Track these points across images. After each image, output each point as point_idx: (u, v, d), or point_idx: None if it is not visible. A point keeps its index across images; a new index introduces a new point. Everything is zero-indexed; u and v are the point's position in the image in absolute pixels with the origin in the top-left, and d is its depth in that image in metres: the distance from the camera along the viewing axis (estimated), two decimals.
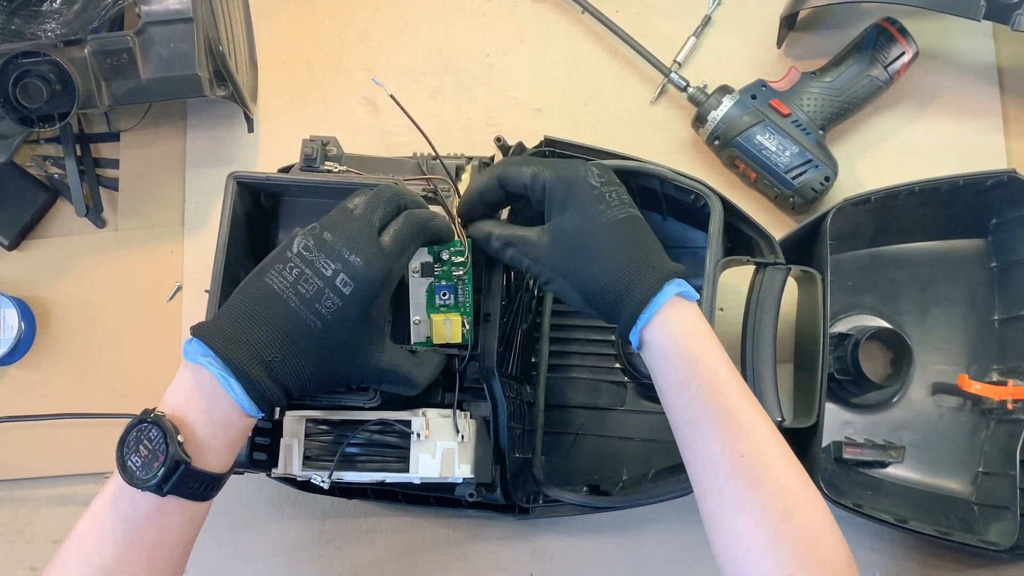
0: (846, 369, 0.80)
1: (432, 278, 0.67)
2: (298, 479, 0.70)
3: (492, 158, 0.78)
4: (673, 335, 0.60)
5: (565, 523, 0.84)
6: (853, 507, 0.73)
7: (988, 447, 0.80)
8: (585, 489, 0.79)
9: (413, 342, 0.68)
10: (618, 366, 0.85)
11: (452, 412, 0.67)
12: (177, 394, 0.57)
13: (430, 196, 0.69)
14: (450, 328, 0.68)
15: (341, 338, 0.59)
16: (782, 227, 0.86)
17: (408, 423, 0.65)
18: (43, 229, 0.94)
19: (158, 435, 0.54)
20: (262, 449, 0.72)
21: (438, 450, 0.65)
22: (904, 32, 0.82)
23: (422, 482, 0.65)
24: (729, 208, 0.74)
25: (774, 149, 0.82)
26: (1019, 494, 0.75)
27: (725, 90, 0.85)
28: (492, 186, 0.66)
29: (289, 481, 0.76)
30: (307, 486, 0.75)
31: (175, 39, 0.80)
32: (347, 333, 0.59)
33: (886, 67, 0.82)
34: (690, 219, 0.82)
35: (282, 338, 0.57)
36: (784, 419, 0.71)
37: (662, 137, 0.90)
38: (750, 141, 0.83)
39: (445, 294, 0.67)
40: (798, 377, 0.82)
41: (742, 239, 0.77)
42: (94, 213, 0.92)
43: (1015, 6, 0.75)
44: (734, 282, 0.83)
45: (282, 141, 0.94)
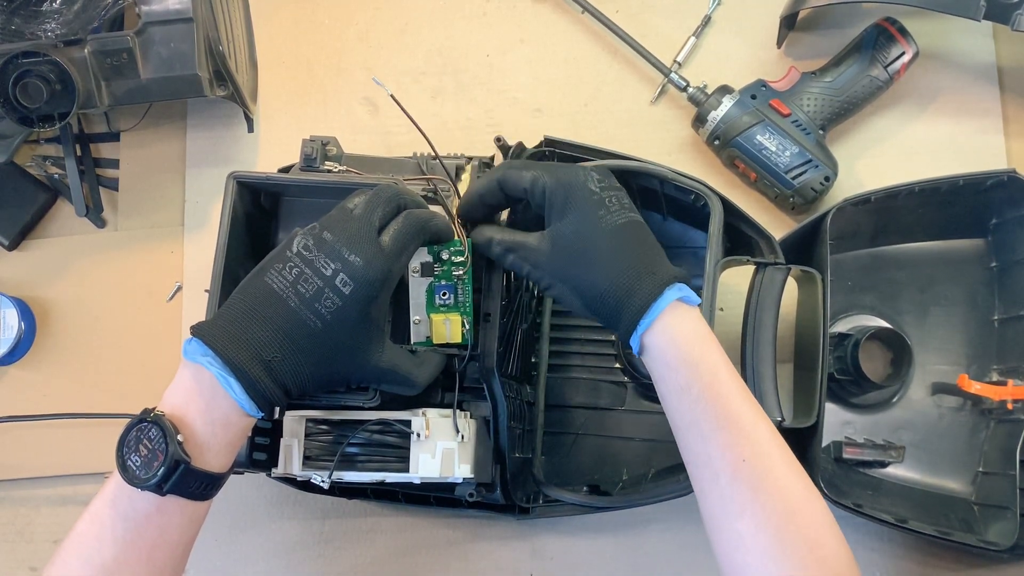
0: (846, 369, 0.80)
1: (432, 278, 0.67)
2: (298, 479, 0.70)
3: (492, 158, 0.78)
4: (673, 340, 0.60)
5: (565, 523, 0.84)
6: (853, 507, 0.73)
7: (988, 447, 0.80)
8: (585, 489, 0.79)
9: (413, 342, 0.68)
10: (618, 366, 0.85)
11: (452, 412, 0.67)
12: (177, 394, 0.57)
13: (430, 196, 0.69)
14: (450, 328, 0.68)
15: (341, 338, 0.59)
16: (782, 227, 0.86)
17: (408, 423, 0.64)
18: (43, 229, 0.94)
19: (158, 434, 0.55)
20: (262, 449, 0.72)
21: (438, 450, 0.65)
22: (904, 32, 0.82)
23: (422, 482, 0.65)
24: (729, 208, 0.74)
25: (774, 149, 0.82)
26: (1019, 494, 0.75)
27: (725, 90, 0.85)
28: (492, 189, 0.66)
29: (289, 481, 0.76)
30: (307, 486, 0.75)
31: (175, 39, 0.80)
32: (347, 333, 0.59)
33: (886, 67, 0.82)
34: (690, 219, 0.82)
35: (282, 338, 0.57)
36: (784, 419, 0.71)
37: (662, 137, 0.90)
38: (750, 141, 0.83)
39: (445, 294, 0.67)
40: (798, 377, 0.82)
41: (742, 239, 0.77)
42: (94, 213, 0.92)
43: (1015, 6, 0.75)
44: (734, 282, 0.83)
45: (282, 141, 0.94)
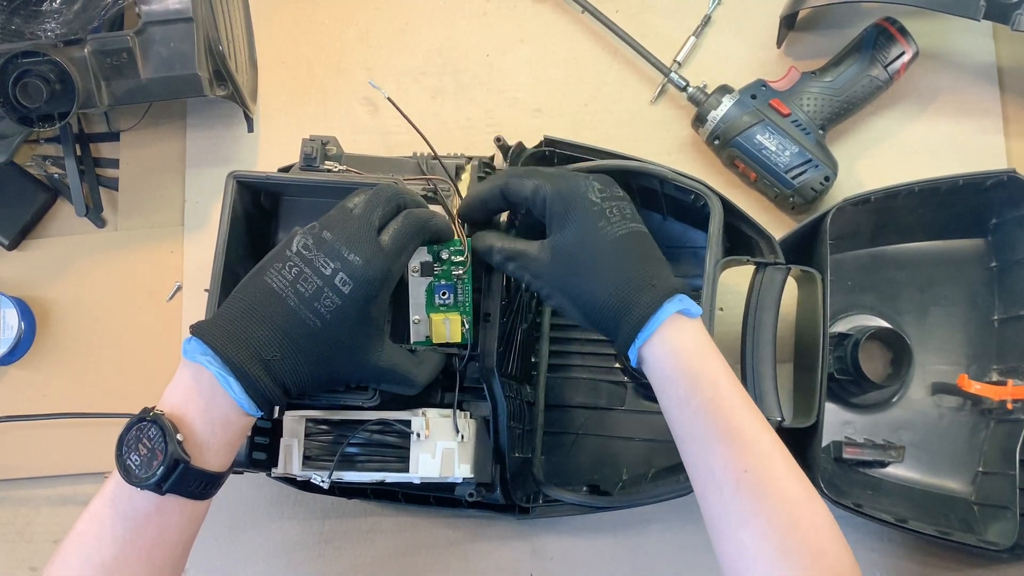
0: (846, 369, 0.80)
1: (432, 277, 0.67)
2: (298, 479, 0.70)
3: (492, 158, 0.78)
4: (672, 352, 0.60)
5: (565, 523, 0.84)
6: (853, 507, 0.73)
7: (988, 447, 0.80)
8: (585, 489, 0.79)
9: (412, 341, 0.68)
10: (618, 366, 0.85)
11: (452, 412, 0.67)
12: (176, 393, 0.57)
13: (430, 196, 0.69)
14: (449, 327, 0.68)
15: (340, 337, 0.59)
16: (782, 227, 0.86)
17: (408, 423, 0.64)
18: (43, 229, 0.94)
19: (157, 434, 0.55)
20: (262, 449, 0.72)
21: (438, 450, 0.65)
22: (904, 32, 0.82)
23: (422, 482, 0.65)
24: (729, 208, 0.74)
25: (774, 149, 0.82)
26: (1019, 494, 0.74)
27: (725, 90, 0.85)
28: (495, 196, 0.66)
29: (289, 481, 0.76)
30: (307, 486, 0.75)
31: (175, 39, 0.80)
32: (346, 332, 0.59)
33: (886, 67, 0.82)
34: (690, 219, 0.82)
35: (281, 337, 0.57)
36: (784, 419, 0.71)
37: (662, 137, 0.90)
38: (750, 141, 0.83)
39: (444, 293, 0.67)
40: (798, 377, 0.82)
41: (742, 239, 0.77)
42: (94, 213, 0.92)
43: (1015, 6, 0.75)
44: (734, 282, 0.83)
45: (282, 141, 0.94)
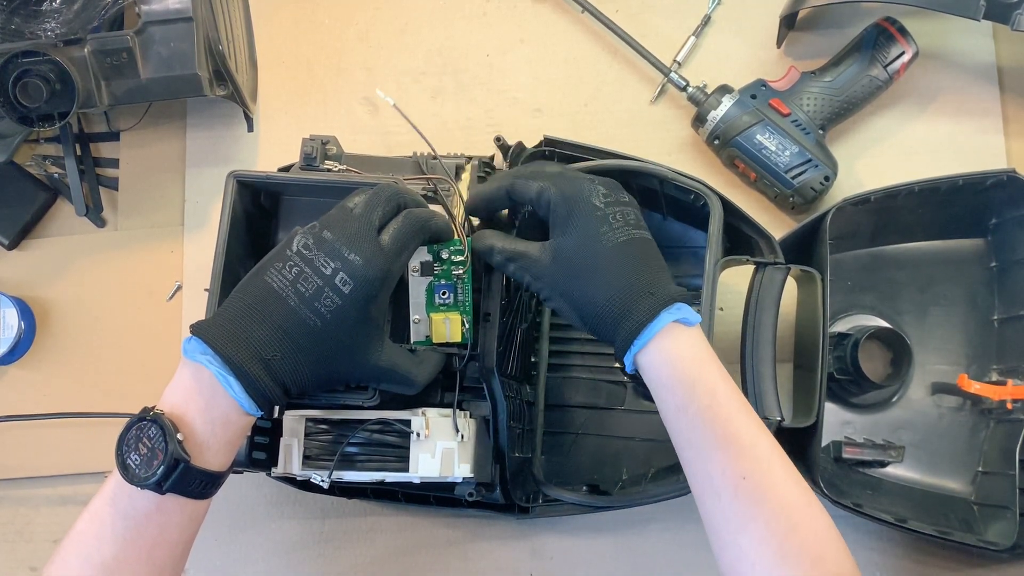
0: (846, 369, 0.80)
1: (432, 277, 0.67)
2: (298, 478, 0.70)
3: (492, 158, 0.78)
4: (669, 361, 0.60)
5: (565, 523, 0.84)
6: (853, 507, 0.73)
7: (988, 447, 0.80)
8: (585, 488, 0.79)
9: (412, 341, 0.68)
10: (618, 366, 0.84)
11: (452, 412, 0.67)
12: (176, 392, 0.57)
13: (430, 195, 0.69)
14: (449, 327, 0.68)
15: (340, 337, 0.59)
16: (782, 227, 0.86)
17: (408, 423, 0.65)
18: (43, 229, 0.94)
19: (157, 433, 0.55)
20: (262, 448, 0.72)
21: (438, 450, 0.65)
22: (904, 32, 0.82)
23: (422, 481, 0.65)
24: (729, 208, 0.74)
25: (774, 149, 0.82)
26: (1019, 494, 0.74)
27: (725, 90, 0.85)
28: (500, 197, 0.67)
29: (289, 480, 0.76)
30: (307, 485, 0.75)
31: (175, 39, 0.80)
32: (346, 332, 0.59)
33: (886, 67, 0.82)
34: (690, 219, 0.82)
35: (281, 336, 0.57)
36: (784, 419, 0.71)
37: (662, 137, 0.90)
38: (750, 141, 0.83)
39: (444, 293, 0.67)
40: (798, 377, 0.82)
41: (742, 239, 0.77)
42: (94, 213, 0.92)
43: (1015, 6, 0.75)
44: (734, 282, 0.83)
45: (282, 141, 0.94)
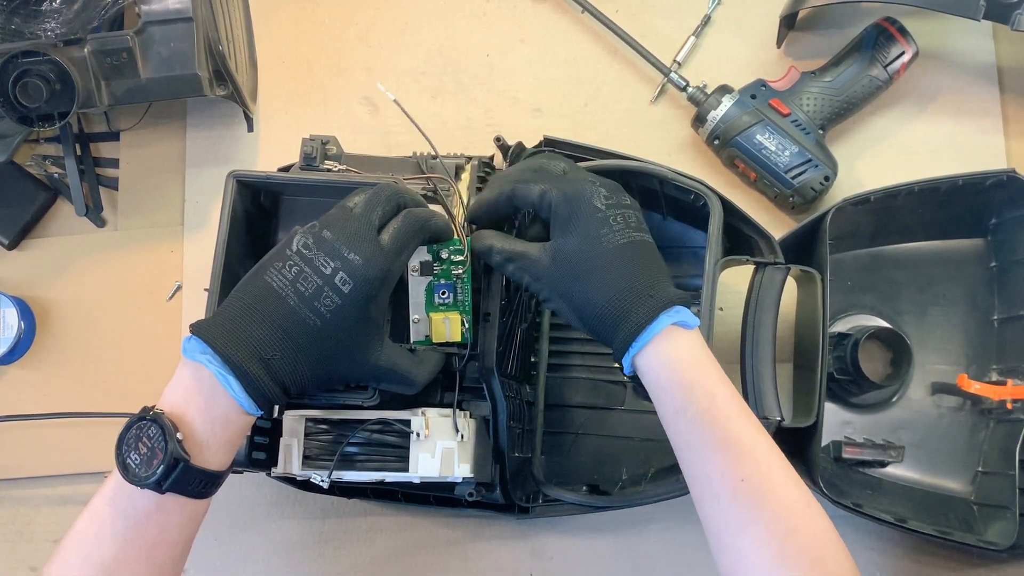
0: (846, 369, 0.80)
1: (431, 277, 0.67)
2: (298, 478, 0.70)
3: (492, 158, 0.78)
4: (667, 364, 0.60)
5: (565, 523, 0.84)
6: (853, 507, 0.73)
7: (988, 447, 0.80)
8: (584, 488, 0.79)
9: (412, 341, 0.68)
10: (617, 366, 0.85)
11: (452, 411, 0.67)
12: (176, 392, 0.57)
13: (430, 195, 0.69)
14: (449, 327, 0.68)
15: (340, 336, 0.59)
16: (782, 227, 0.86)
17: (407, 422, 0.65)
18: (43, 228, 0.94)
19: (157, 433, 0.55)
20: (261, 448, 0.72)
21: (438, 450, 0.65)
22: (904, 32, 0.82)
23: (422, 481, 0.65)
24: (729, 208, 0.74)
25: (774, 149, 0.82)
26: (1019, 494, 0.74)
27: (725, 90, 0.85)
28: (503, 203, 0.67)
29: (289, 480, 0.76)
30: (307, 485, 0.75)
31: (175, 39, 0.80)
32: (346, 331, 0.59)
33: (886, 67, 0.82)
34: (690, 219, 0.82)
35: (281, 336, 0.57)
36: (784, 419, 0.71)
37: (662, 137, 0.90)
38: (750, 141, 0.83)
39: (444, 293, 0.67)
40: (798, 377, 0.82)
41: (742, 239, 0.77)
42: (94, 212, 0.92)
43: (1015, 6, 0.75)
44: (734, 282, 0.83)
45: (282, 141, 0.94)
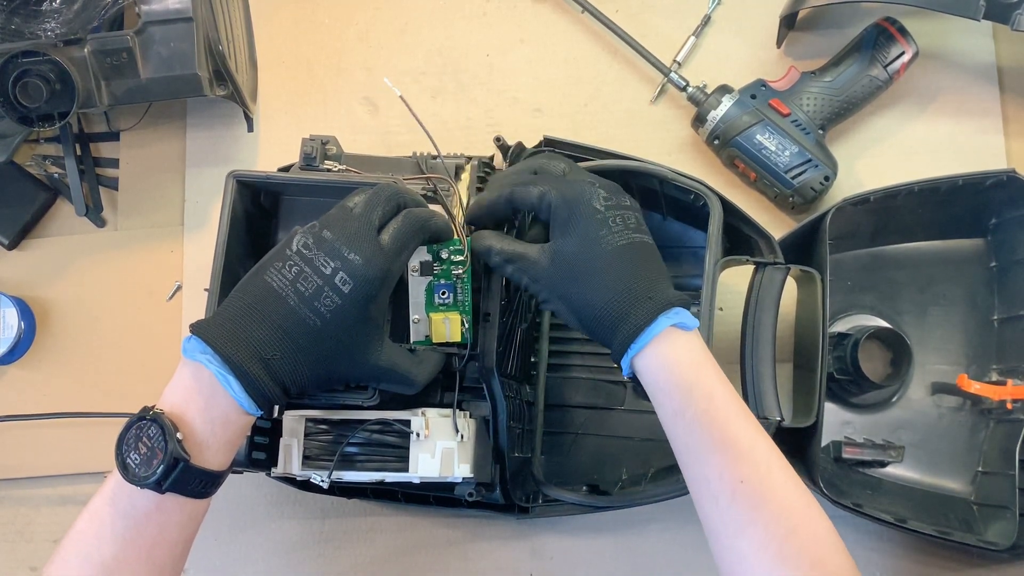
0: (846, 369, 0.80)
1: (431, 277, 0.67)
2: (297, 478, 0.70)
3: (492, 158, 0.78)
4: (666, 365, 0.60)
5: (565, 523, 0.84)
6: (852, 507, 0.73)
7: (988, 447, 0.80)
8: (584, 488, 0.79)
9: (412, 341, 0.68)
10: (617, 367, 0.85)
11: (452, 412, 0.67)
12: (176, 392, 0.57)
13: (430, 195, 0.69)
14: (449, 327, 0.68)
15: (340, 336, 0.59)
16: (782, 227, 0.86)
17: (407, 423, 0.65)
18: (43, 228, 0.94)
19: (157, 432, 0.55)
20: (261, 448, 0.72)
21: (437, 450, 0.65)
22: (904, 32, 0.82)
23: (422, 482, 0.65)
24: (729, 208, 0.74)
25: (774, 149, 0.82)
26: (1019, 494, 0.74)
27: (725, 90, 0.85)
28: (501, 205, 0.66)
29: (289, 480, 0.76)
30: (307, 485, 0.75)
31: (175, 39, 0.80)
32: (346, 331, 0.59)
33: (886, 67, 0.82)
34: (690, 219, 0.82)
35: (281, 336, 0.57)
36: (784, 419, 0.71)
37: (662, 137, 0.90)
38: (750, 141, 0.83)
39: (444, 293, 0.67)
40: (798, 377, 0.82)
41: (742, 239, 0.77)
42: (94, 212, 0.92)
43: (1015, 6, 0.75)
44: (734, 282, 0.83)
45: (282, 141, 0.94)
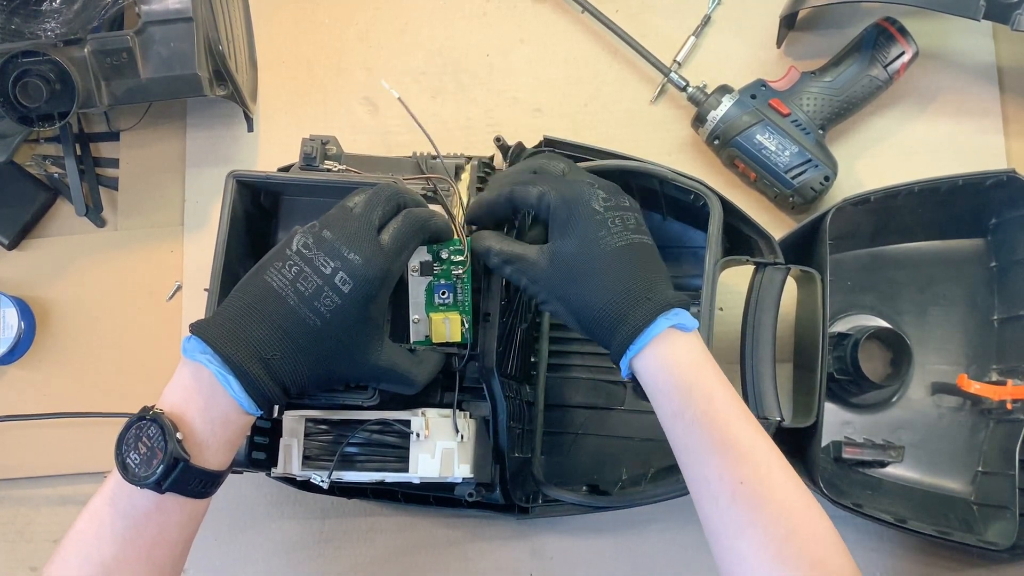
0: (846, 369, 0.80)
1: (431, 277, 0.67)
2: (298, 479, 0.70)
3: (492, 158, 0.78)
4: (665, 366, 0.60)
5: (565, 523, 0.84)
6: (853, 507, 0.73)
7: (987, 447, 0.80)
8: (584, 489, 0.79)
9: (412, 341, 0.68)
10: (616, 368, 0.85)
11: (452, 412, 0.67)
12: (176, 392, 0.57)
13: (430, 195, 0.69)
14: (449, 327, 0.68)
15: (340, 336, 0.59)
16: (782, 227, 0.86)
17: (407, 423, 0.65)
18: (43, 228, 0.94)
19: (157, 432, 0.55)
20: (261, 448, 0.72)
21: (437, 450, 0.65)
22: (904, 32, 0.82)
23: (421, 482, 0.65)
24: (729, 208, 0.74)
25: (774, 149, 0.82)
26: (1018, 494, 0.74)
27: (725, 90, 0.85)
28: (501, 204, 0.66)
29: (289, 480, 0.76)
30: (307, 485, 0.75)
31: (175, 39, 0.80)
32: (346, 331, 0.59)
33: (886, 67, 0.82)
34: (690, 219, 0.82)
35: (281, 336, 0.57)
36: (783, 419, 0.71)
37: (662, 137, 0.90)
38: (750, 141, 0.83)
39: (444, 293, 0.67)
40: (798, 377, 0.82)
41: (742, 239, 0.77)
42: (94, 212, 0.92)
43: (1015, 6, 0.75)
44: (734, 282, 0.83)
45: (282, 141, 0.94)
